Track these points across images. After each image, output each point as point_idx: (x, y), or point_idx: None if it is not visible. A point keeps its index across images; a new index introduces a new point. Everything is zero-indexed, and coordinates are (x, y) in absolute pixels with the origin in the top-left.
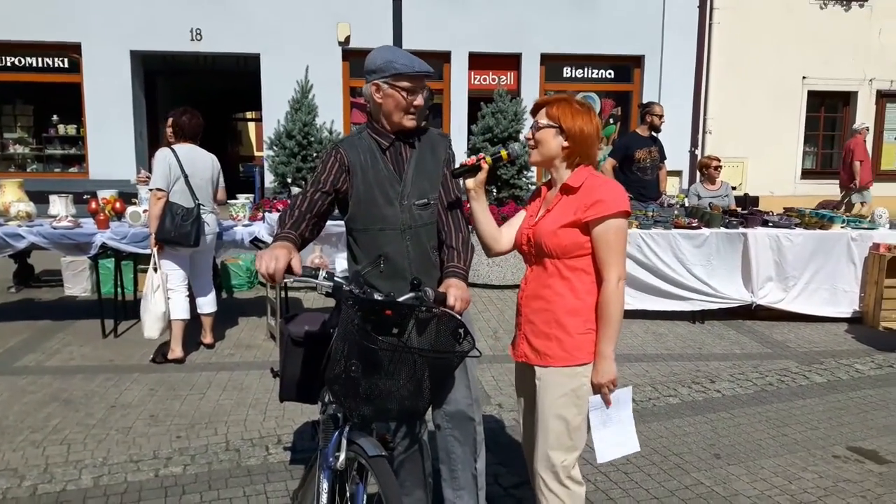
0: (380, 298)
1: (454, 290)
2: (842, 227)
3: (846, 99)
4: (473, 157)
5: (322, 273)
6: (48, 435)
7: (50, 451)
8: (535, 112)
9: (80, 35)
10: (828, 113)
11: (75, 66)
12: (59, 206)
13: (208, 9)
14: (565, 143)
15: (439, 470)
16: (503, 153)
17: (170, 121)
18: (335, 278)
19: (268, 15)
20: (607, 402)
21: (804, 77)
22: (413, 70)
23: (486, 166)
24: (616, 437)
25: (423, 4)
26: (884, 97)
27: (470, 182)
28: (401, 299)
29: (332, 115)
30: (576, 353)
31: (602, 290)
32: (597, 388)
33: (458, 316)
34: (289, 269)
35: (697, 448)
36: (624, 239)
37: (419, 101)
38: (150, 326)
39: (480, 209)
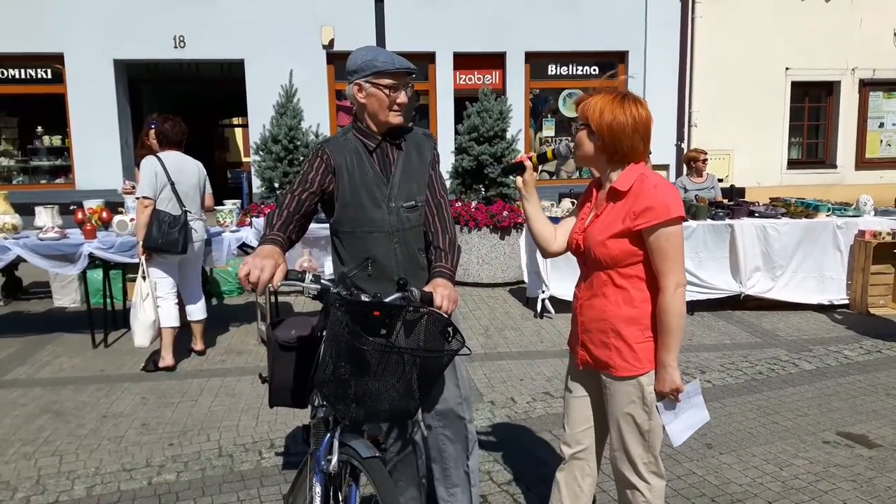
0: (367, 300)
1: (441, 290)
2: (827, 216)
3: (829, 89)
4: (522, 155)
5: (308, 276)
6: (40, 447)
7: (42, 462)
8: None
9: (63, 45)
10: (812, 103)
11: (58, 77)
12: (45, 217)
13: (191, 16)
14: (597, 143)
15: (432, 469)
16: (549, 152)
17: (152, 129)
18: (322, 281)
19: (251, 20)
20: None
21: (787, 68)
22: (394, 67)
23: (530, 164)
24: (688, 420)
25: (405, 6)
26: (866, 86)
27: (518, 181)
28: (387, 300)
29: (318, 118)
30: (636, 364)
31: (660, 300)
32: (660, 397)
33: (445, 315)
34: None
35: (689, 438)
36: (679, 245)
37: (403, 98)
38: (141, 335)
39: (532, 208)
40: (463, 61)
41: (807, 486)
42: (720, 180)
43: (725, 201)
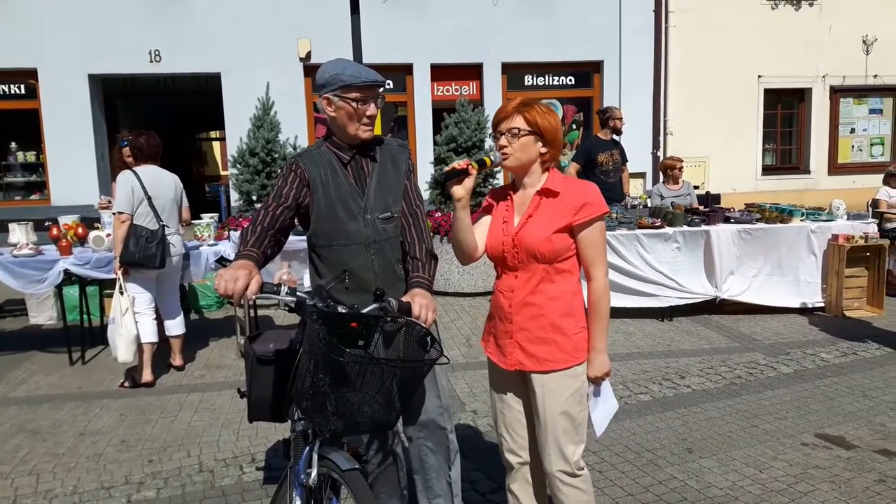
0: (344, 311)
1: (419, 300)
2: (801, 221)
3: (801, 95)
4: (464, 161)
5: (284, 289)
6: (16, 466)
7: (18, 482)
8: (503, 119)
9: (36, 61)
10: (784, 110)
11: (32, 92)
12: (20, 233)
13: (166, 30)
14: (543, 149)
15: (414, 480)
16: (487, 160)
17: (125, 147)
18: (298, 293)
19: (227, 34)
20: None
21: (760, 76)
22: (361, 80)
23: (473, 172)
24: (604, 409)
25: (382, 18)
26: (837, 92)
27: (459, 190)
28: (364, 310)
29: (295, 130)
30: (574, 354)
31: (592, 288)
32: (592, 381)
33: (422, 324)
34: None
35: (670, 443)
36: (605, 238)
37: (372, 110)
38: (124, 350)
39: (467, 218)
40: (440, 73)
41: (786, 489)
42: (696, 187)
43: (701, 208)
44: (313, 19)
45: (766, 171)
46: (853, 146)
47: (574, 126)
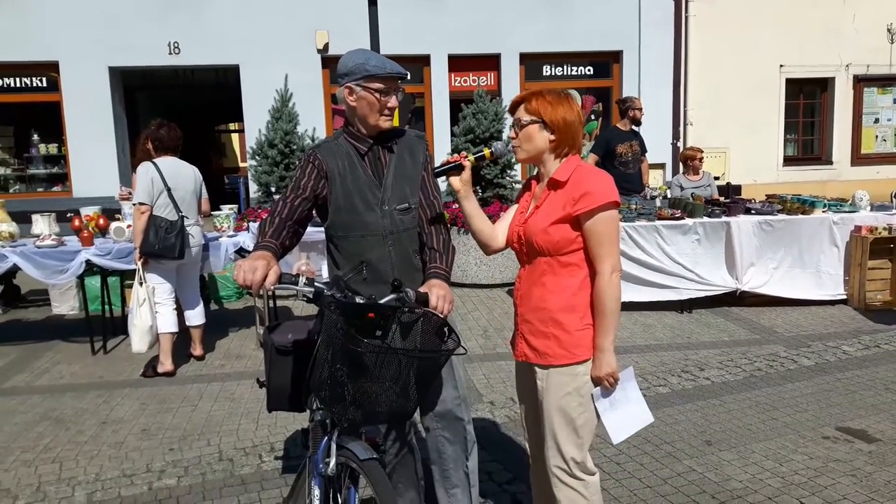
0: (361, 301)
1: (437, 290)
2: (823, 212)
3: (824, 85)
4: (456, 155)
5: (302, 280)
6: (40, 454)
7: (42, 469)
8: (512, 110)
9: (57, 54)
10: (807, 100)
11: (54, 85)
12: (42, 224)
13: (185, 22)
14: (551, 137)
15: (431, 470)
16: (486, 152)
17: (148, 136)
18: (316, 284)
19: (245, 26)
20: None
21: (781, 65)
22: (385, 71)
23: (468, 164)
24: (625, 416)
25: (399, 9)
26: (860, 82)
27: (456, 182)
28: (382, 301)
29: (314, 122)
30: (575, 351)
31: (596, 283)
32: (597, 382)
33: (440, 315)
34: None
35: (689, 436)
36: (615, 230)
37: (393, 102)
38: (138, 341)
39: (471, 207)
40: (458, 63)
41: (807, 482)
42: (716, 178)
43: (722, 199)
44: (330, 11)
45: (788, 161)
46: (877, 136)
47: (593, 116)
